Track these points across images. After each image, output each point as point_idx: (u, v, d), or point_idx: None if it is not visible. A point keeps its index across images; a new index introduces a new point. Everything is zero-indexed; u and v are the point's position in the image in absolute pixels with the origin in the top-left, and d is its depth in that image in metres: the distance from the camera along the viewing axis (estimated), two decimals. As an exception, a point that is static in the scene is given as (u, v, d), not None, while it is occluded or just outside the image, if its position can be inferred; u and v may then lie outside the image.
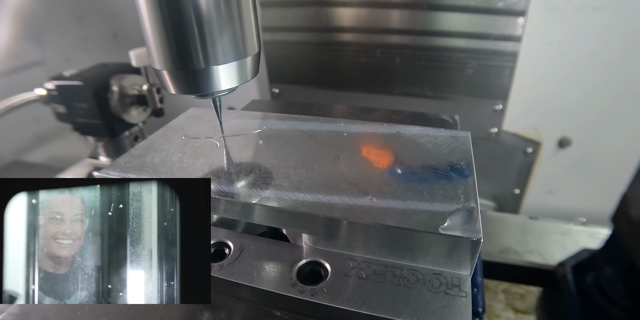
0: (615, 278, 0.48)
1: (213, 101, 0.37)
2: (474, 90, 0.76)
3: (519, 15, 0.67)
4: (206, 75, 0.30)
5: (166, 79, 0.31)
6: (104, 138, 0.77)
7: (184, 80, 0.31)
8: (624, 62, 0.73)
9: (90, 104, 0.69)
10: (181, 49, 0.29)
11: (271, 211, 0.32)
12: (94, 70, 0.73)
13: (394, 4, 0.72)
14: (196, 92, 0.32)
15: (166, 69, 0.30)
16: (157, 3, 0.27)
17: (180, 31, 0.28)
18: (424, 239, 0.29)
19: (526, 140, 0.84)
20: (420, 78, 0.78)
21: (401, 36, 0.75)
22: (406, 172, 0.35)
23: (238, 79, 0.32)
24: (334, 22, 0.77)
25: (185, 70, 0.30)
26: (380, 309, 0.27)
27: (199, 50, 0.29)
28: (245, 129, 0.44)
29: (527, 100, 0.80)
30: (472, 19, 0.70)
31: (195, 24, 0.28)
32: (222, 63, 0.30)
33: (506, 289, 0.66)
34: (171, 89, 0.32)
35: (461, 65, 0.74)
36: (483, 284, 0.40)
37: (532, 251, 0.70)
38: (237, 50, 0.31)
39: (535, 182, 0.89)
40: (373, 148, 0.39)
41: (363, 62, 0.79)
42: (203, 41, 0.29)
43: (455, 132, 0.41)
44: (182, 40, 0.29)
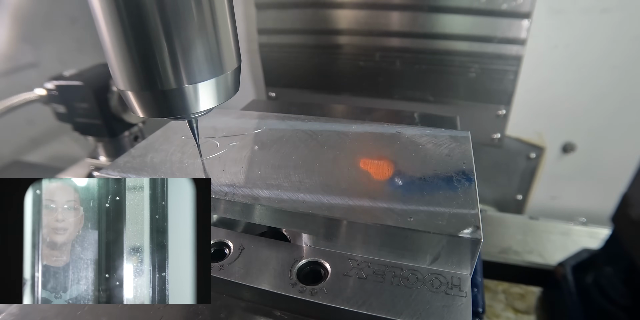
0: (615, 278, 0.48)
1: (189, 123, 0.32)
2: (477, 94, 0.74)
3: (524, 17, 0.66)
4: (179, 96, 0.26)
5: (132, 101, 0.27)
6: (104, 138, 0.77)
7: (152, 102, 0.26)
8: (631, 66, 0.72)
9: (90, 104, 0.69)
10: (147, 66, 0.24)
11: (271, 211, 0.32)
12: (94, 70, 0.73)
13: (394, 6, 0.71)
14: (167, 115, 0.27)
15: (131, 90, 0.26)
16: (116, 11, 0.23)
17: (145, 45, 0.24)
18: (424, 239, 0.29)
19: (529, 145, 0.83)
20: (421, 82, 0.76)
21: (401, 39, 0.73)
22: (406, 172, 0.35)
23: (216, 99, 0.28)
24: (332, 24, 0.76)
25: (153, 91, 0.25)
26: (380, 309, 0.27)
27: (167, 67, 0.24)
28: (245, 129, 0.44)
29: (531, 104, 0.79)
30: (475, 21, 0.68)
31: (163, 37, 0.23)
32: (197, 81, 0.26)
33: (506, 289, 0.66)
34: (139, 112, 0.27)
35: (463, 69, 0.72)
36: (483, 284, 0.40)
37: (532, 251, 0.70)
38: (214, 66, 0.26)
39: (538, 187, 0.88)
40: (373, 148, 0.39)
41: (362, 65, 0.78)
42: (173, 57, 0.24)
43: (455, 132, 0.41)
44: (148, 56, 0.24)
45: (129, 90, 0.26)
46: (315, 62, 0.82)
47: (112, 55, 0.25)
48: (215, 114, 0.47)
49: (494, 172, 0.88)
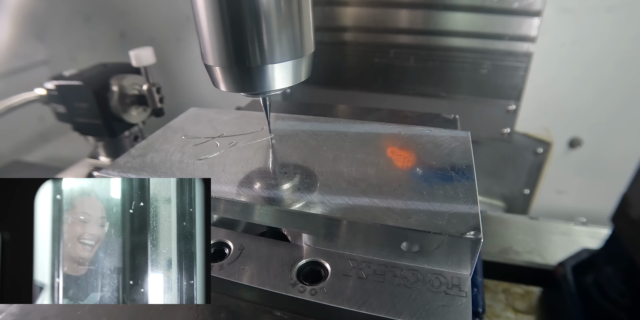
0: (615, 278, 0.48)
1: (263, 100, 0.35)
2: (488, 90, 0.76)
3: (535, 15, 0.67)
4: (262, 73, 0.29)
5: (218, 75, 0.30)
6: (104, 138, 0.77)
7: (237, 77, 0.29)
8: (636, 63, 0.73)
9: (90, 104, 0.69)
10: (238, 45, 0.27)
11: (271, 211, 0.32)
12: (94, 70, 0.73)
13: (409, 4, 0.73)
14: (249, 90, 0.30)
15: (219, 66, 0.29)
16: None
17: (239, 27, 0.27)
18: (424, 239, 0.29)
19: (537, 140, 0.84)
20: (434, 78, 0.78)
21: (416, 36, 0.75)
22: (406, 172, 0.35)
23: (293, 79, 0.31)
24: (347, 21, 0.78)
25: (240, 68, 0.28)
26: (380, 309, 0.27)
27: (256, 47, 0.27)
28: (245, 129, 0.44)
29: (538, 100, 0.80)
30: (487, 20, 0.70)
31: (255, 20, 0.26)
32: (278, 61, 0.29)
33: (506, 289, 0.66)
34: (222, 86, 0.31)
35: (475, 65, 0.74)
36: (483, 284, 0.40)
37: (532, 251, 0.70)
38: (295, 49, 0.29)
39: (545, 182, 0.89)
40: (373, 148, 0.39)
41: (376, 62, 0.79)
42: (261, 38, 0.27)
43: (456, 132, 0.41)
44: (241, 37, 0.27)
45: (218, 65, 0.29)
46: (330, 59, 0.82)
47: (206, 34, 0.28)
48: (216, 114, 0.48)
49: (502, 166, 0.89)
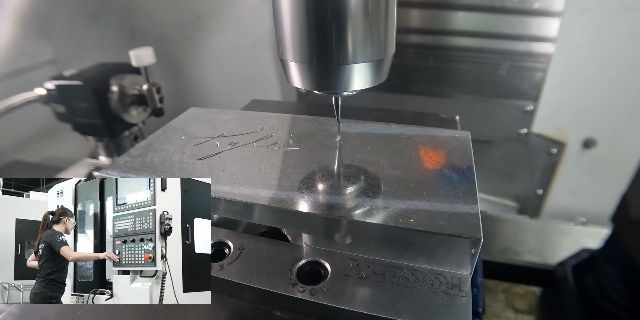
0: (615, 278, 0.48)
1: (335, 100, 0.35)
2: (506, 91, 0.76)
3: (555, 16, 0.67)
4: (342, 73, 0.28)
5: (295, 72, 0.29)
6: (104, 138, 0.77)
7: (317, 75, 0.29)
8: None
9: (90, 103, 0.69)
10: (322, 43, 0.27)
11: (271, 211, 0.32)
12: (94, 70, 0.73)
13: (429, 4, 0.72)
14: (326, 89, 0.30)
15: (300, 62, 0.28)
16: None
17: (325, 25, 0.26)
18: (424, 239, 0.29)
19: (551, 140, 0.84)
20: (453, 79, 0.78)
21: (434, 37, 0.75)
22: (406, 172, 0.35)
23: (372, 80, 0.30)
24: None
25: (321, 66, 0.28)
26: (380, 309, 0.27)
27: (340, 46, 0.27)
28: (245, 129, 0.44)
29: (553, 101, 0.80)
30: (507, 20, 0.70)
31: (342, 19, 0.26)
32: (360, 62, 0.28)
33: (506, 289, 0.66)
34: (298, 82, 0.30)
35: (494, 66, 0.74)
36: (483, 284, 0.40)
37: (532, 251, 0.70)
38: (378, 50, 0.28)
39: (558, 182, 0.89)
40: (373, 148, 0.39)
41: (395, 62, 0.79)
42: (346, 37, 0.27)
43: (456, 132, 0.41)
44: (326, 35, 0.26)
45: (298, 62, 0.28)
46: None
47: (288, 31, 0.27)
48: (216, 114, 0.48)
49: (515, 167, 0.89)
